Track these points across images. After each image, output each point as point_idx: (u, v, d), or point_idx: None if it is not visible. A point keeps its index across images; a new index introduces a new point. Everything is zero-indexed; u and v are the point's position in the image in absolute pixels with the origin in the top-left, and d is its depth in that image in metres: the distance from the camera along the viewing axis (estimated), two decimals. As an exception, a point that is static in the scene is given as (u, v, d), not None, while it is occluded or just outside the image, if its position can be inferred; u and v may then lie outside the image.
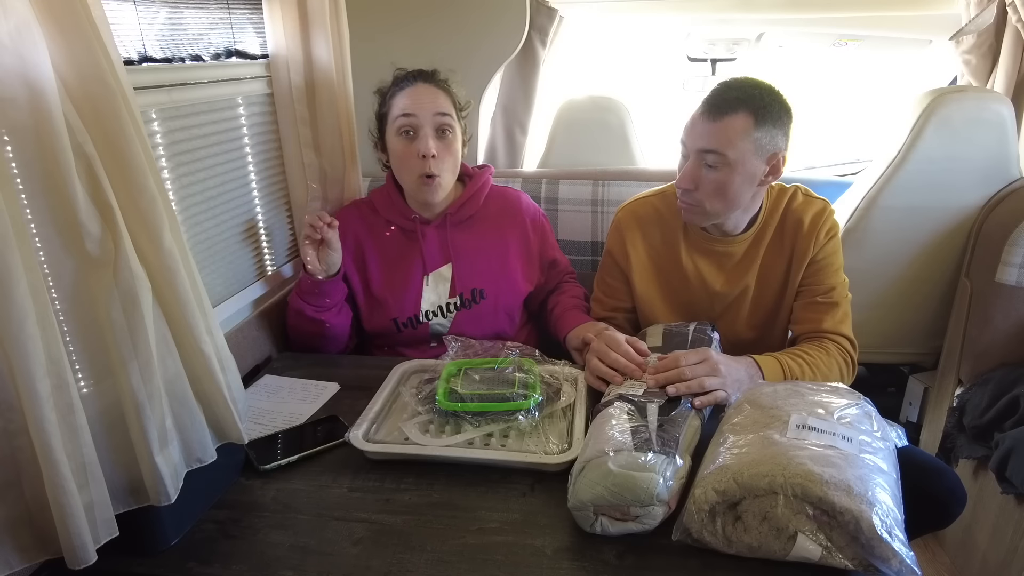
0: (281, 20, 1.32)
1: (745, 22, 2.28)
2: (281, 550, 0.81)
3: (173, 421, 0.80)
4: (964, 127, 1.55)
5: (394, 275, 1.35)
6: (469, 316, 1.35)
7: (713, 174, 1.11)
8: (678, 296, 1.30)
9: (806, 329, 1.24)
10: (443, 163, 1.27)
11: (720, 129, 1.08)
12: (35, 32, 0.63)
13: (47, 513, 0.68)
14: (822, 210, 1.22)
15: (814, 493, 0.71)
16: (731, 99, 1.08)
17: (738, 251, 1.25)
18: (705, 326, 1.16)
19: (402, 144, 1.27)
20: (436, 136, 1.26)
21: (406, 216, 1.35)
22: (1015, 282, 1.49)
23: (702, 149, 1.10)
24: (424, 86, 1.28)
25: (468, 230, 1.37)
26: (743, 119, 1.07)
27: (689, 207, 1.18)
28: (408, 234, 1.36)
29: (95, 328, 0.73)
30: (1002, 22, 1.71)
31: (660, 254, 1.29)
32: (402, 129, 1.26)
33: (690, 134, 1.13)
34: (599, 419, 0.91)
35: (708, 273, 1.27)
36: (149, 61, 1.06)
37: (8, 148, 0.65)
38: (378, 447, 0.97)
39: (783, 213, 1.24)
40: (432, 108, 1.25)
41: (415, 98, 1.26)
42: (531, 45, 2.01)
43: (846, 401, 0.87)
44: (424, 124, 1.25)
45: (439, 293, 1.35)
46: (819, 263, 1.22)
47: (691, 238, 1.28)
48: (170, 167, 1.10)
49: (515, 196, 1.43)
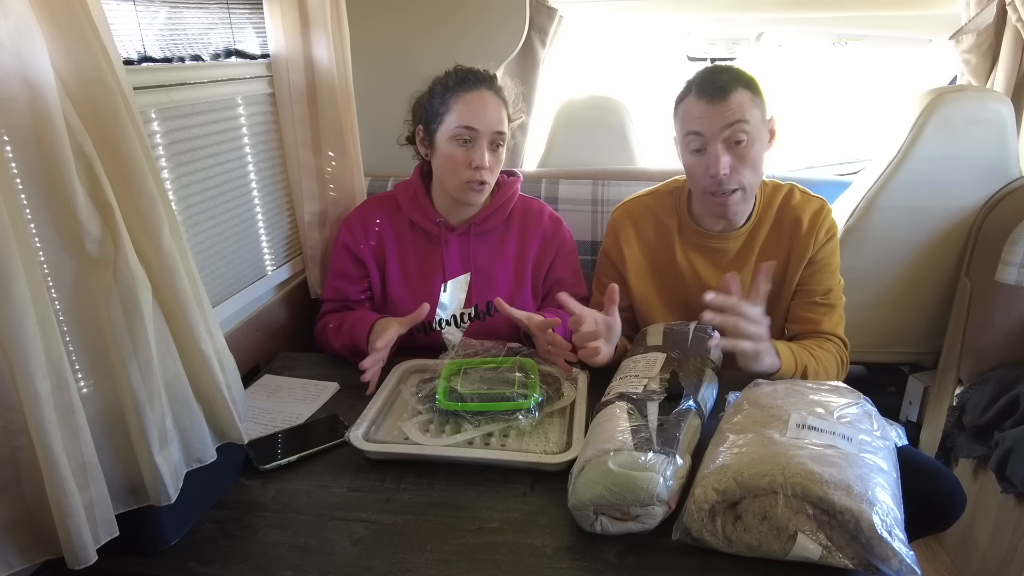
0: (281, 20, 1.32)
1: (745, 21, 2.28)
2: (281, 550, 0.81)
3: (173, 421, 0.80)
4: (964, 126, 1.55)
5: (412, 278, 1.34)
6: (483, 328, 1.33)
7: (742, 149, 1.14)
8: (674, 293, 1.30)
9: (804, 329, 1.25)
10: (491, 173, 1.26)
11: (735, 105, 1.12)
12: (34, 32, 0.63)
13: (47, 513, 0.68)
14: (820, 208, 1.23)
15: (814, 492, 0.71)
16: (727, 80, 1.13)
17: (733, 247, 1.26)
18: (706, 325, 1.16)
19: (457, 150, 1.23)
20: (490, 149, 1.25)
21: (431, 219, 1.32)
22: (1015, 281, 1.49)
23: (729, 124, 1.12)
24: (490, 96, 1.24)
25: (490, 241, 1.35)
26: (743, 93, 1.13)
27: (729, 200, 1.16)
28: (431, 238, 1.33)
29: (95, 328, 0.73)
30: (1002, 21, 1.71)
31: (655, 252, 1.30)
32: (460, 137, 1.23)
33: (707, 121, 1.13)
34: (599, 418, 0.91)
35: (703, 270, 1.27)
36: (149, 61, 1.06)
37: (8, 148, 0.65)
38: (378, 447, 0.97)
39: (780, 210, 1.25)
40: (495, 125, 1.23)
41: (480, 109, 1.22)
42: (531, 45, 2.01)
43: (846, 400, 0.87)
44: (483, 137, 1.23)
45: (455, 302, 1.34)
46: (818, 263, 1.23)
47: (686, 235, 1.29)
48: (170, 167, 1.10)
49: (539, 209, 1.39)
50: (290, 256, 1.50)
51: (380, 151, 1.64)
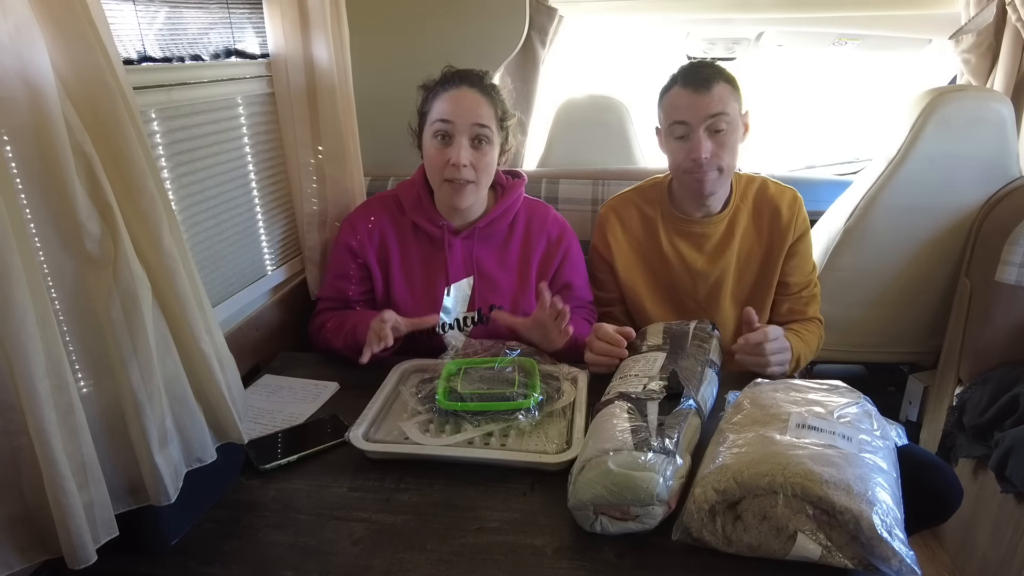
0: (281, 20, 1.32)
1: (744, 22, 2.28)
2: (281, 550, 0.81)
3: (173, 421, 0.79)
4: (964, 126, 1.55)
5: (415, 281, 1.32)
6: (485, 332, 1.32)
7: (722, 137, 1.23)
8: (660, 280, 1.37)
9: (792, 318, 1.37)
10: (473, 172, 1.22)
11: (718, 96, 1.22)
12: (34, 32, 0.63)
13: (47, 513, 0.68)
14: (795, 198, 1.35)
15: (814, 492, 0.71)
16: (710, 73, 1.23)
17: (715, 232, 1.34)
18: (705, 324, 1.16)
19: (435, 147, 1.23)
20: (471, 145, 1.22)
21: (434, 222, 1.30)
22: (1015, 281, 1.49)
23: (712, 114, 1.21)
24: (468, 91, 1.23)
25: (493, 245, 1.34)
26: (724, 87, 1.23)
27: (707, 176, 1.24)
28: (434, 241, 1.32)
29: (95, 328, 0.73)
30: (1001, 21, 1.71)
31: (641, 242, 1.38)
32: (438, 133, 1.22)
33: (692, 110, 1.22)
34: (599, 418, 0.91)
35: (688, 254, 1.35)
36: (149, 61, 1.06)
37: (8, 148, 0.65)
38: (378, 447, 0.97)
39: (756, 199, 1.35)
40: (471, 117, 1.20)
41: (456, 104, 1.21)
42: (531, 45, 2.01)
43: (846, 400, 0.87)
44: (460, 132, 1.20)
45: (459, 306, 1.32)
46: (800, 254, 1.35)
47: (669, 222, 1.36)
48: (170, 167, 1.10)
49: (543, 212, 1.38)
50: (290, 256, 1.50)
51: (380, 151, 1.64)
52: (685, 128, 1.23)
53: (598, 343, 1.16)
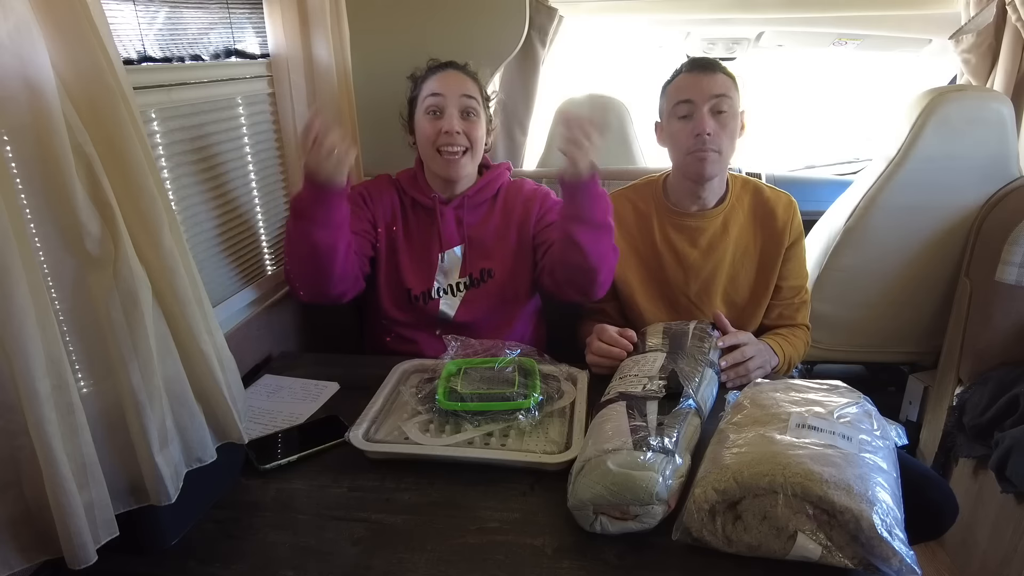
0: (281, 20, 1.32)
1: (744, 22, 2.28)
2: (281, 550, 0.81)
3: (173, 421, 0.79)
4: (964, 126, 1.55)
5: (413, 249, 1.40)
6: (478, 294, 1.39)
7: (723, 119, 1.25)
8: (653, 274, 1.38)
9: (782, 323, 1.39)
10: (466, 140, 1.32)
11: (721, 80, 1.26)
12: (34, 32, 0.63)
13: (47, 513, 0.68)
14: (790, 202, 1.36)
15: (814, 492, 0.71)
16: (714, 63, 1.28)
17: (709, 226, 1.35)
18: (705, 324, 1.16)
19: (428, 122, 1.32)
20: (461, 116, 1.32)
21: (426, 194, 1.40)
22: (1015, 281, 1.48)
23: (715, 95, 1.24)
24: (454, 72, 1.35)
25: (482, 213, 1.42)
26: (727, 78, 1.27)
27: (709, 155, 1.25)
28: (428, 212, 1.40)
29: (95, 328, 0.73)
30: (1001, 21, 1.71)
31: (634, 236, 1.40)
32: (430, 108, 1.32)
33: (697, 89, 1.25)
34: (599, 418, 0.91)
35: (682, 248, 1.36)
36: (149, 61, 1.06)
37: (8, 148, 0.65)
38: (378, 447, 0.97)
39: (753, 200, 1.36)
40: (459, 90, 1.32)
41: (444, 81, 1.33)
42: (531, 44, 2.01)
43: (846, 400, 0.87)
44: (450, 104, 1.31)
45: (451, 271, 1.40)
46: (795, 259, 1.36)
47: (663, 216, 1.37)
48: (170, 167, 1.09)
49: (522, 183, 1.47)
50: (290, 256, 1.50)
51: (380, 151, 1.64)
52: (689, 107, 1.26)
53: (599, 343, 1.17)
